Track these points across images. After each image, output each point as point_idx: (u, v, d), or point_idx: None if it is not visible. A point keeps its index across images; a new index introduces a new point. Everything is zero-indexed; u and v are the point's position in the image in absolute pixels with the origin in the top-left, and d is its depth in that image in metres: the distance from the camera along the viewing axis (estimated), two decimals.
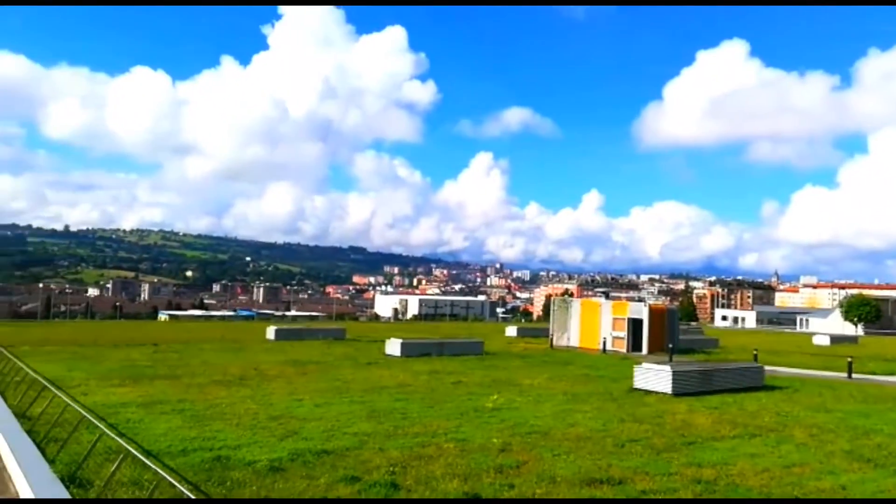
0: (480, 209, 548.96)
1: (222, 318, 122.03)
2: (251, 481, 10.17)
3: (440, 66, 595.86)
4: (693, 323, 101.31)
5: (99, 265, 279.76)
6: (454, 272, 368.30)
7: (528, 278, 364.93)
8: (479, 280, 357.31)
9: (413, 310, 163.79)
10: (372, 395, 19.47)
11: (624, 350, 40.27)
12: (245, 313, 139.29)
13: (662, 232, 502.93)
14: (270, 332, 45.89)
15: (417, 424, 15.09)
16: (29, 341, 37.56)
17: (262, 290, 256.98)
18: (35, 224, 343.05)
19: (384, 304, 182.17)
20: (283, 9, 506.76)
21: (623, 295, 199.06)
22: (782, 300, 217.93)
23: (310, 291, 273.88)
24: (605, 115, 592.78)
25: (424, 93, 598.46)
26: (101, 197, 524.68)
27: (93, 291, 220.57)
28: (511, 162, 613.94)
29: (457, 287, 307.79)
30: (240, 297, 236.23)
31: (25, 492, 8.65)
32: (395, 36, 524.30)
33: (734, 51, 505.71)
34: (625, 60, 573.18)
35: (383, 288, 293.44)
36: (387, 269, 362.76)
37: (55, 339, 41.57)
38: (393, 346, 33.99)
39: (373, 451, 12.38)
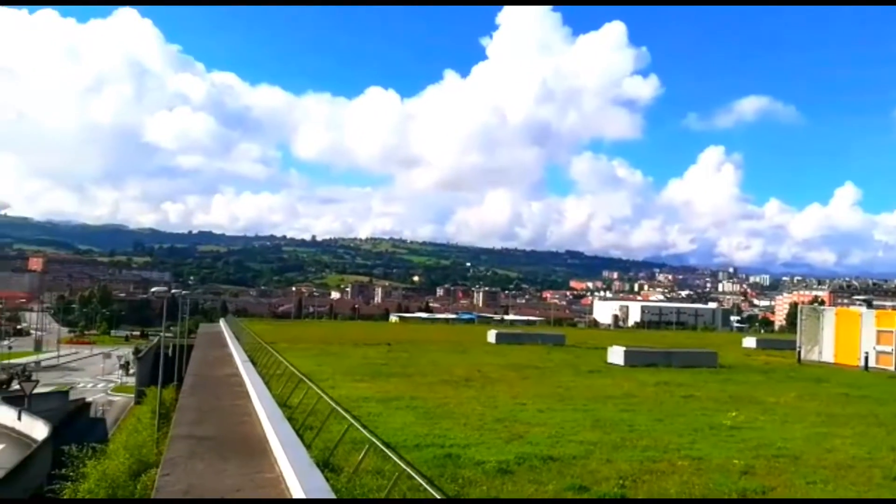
0: (710, 208, 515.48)
1: (446, 320, 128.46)
2: (481, 481, 10.39)
3: (663, 59, 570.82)
4: None
5: (340, 271, 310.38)
6: (680, 277, 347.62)
7: (767, 284, 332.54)
8: (709, 286, 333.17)
9: (635, 317, 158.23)
10: (595, 404, 18.97)
11: (892, 368, 34.82)
12: (466, 316, 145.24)
13: None
14: (491, 335, 47.11)
15: (646, 438, 14.36)
16: (286, 339, 42.63)
17: (481, 294, 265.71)
18: (289, 235, 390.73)
19: (603, 311, 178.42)
20: (500, 18, 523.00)
21: (888, 303, 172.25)
22: None
23: (527, 296, 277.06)
24: (860, 98, 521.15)
25: (646, 88, 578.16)
26: (341, 209, 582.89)
27: (335, 294, 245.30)
28: (746, 155, 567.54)
29: (683, 293, 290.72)
30: (461, 301, 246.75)
31: (288, 472, 9.69)
32: (613, 32, 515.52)
33: None
34: (882, 32, 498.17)
35: (602, 293, 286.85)
36: (605, 273, 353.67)
37: (306, 337, 46.78)
38: (616, 355, 32.91)
39: (600, 461, 12.01)
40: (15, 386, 47.83)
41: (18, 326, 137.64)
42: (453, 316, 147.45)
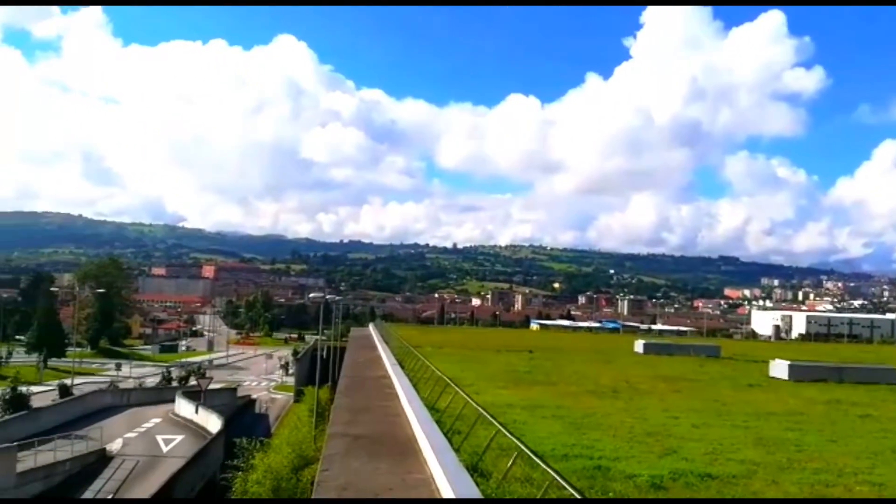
0: (888, 209, 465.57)
1: (588, 329, 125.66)
2: (633, 495, 10.06)
3: (829, 49, 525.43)
4: None
5: (480, 278, 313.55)
6: (852, 284, 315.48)
7: None
8: (886, 294, 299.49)
9: (799, 328, 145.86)
10: (757, 421, 17.71)
11: None
12: (610, 325, 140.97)
13: None
14: (638, 345, 45.53)
15: (817, 459, 13.19)
16: (430, 343, 43.81)
17: (626, 302, 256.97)
18: (431, 243, 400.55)
19: (762, 321, 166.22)
20: (644, 17, 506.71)
21: None
22: None
23: (676, 305, 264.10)
24: None
25: (809, 80, 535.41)
26: (482, 217, 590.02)
27: (475, 301, 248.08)
28: None
29: (856, 303, 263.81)
30: (604, 309, 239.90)
31: (438, 475, 9.92)
32: (771, 22, 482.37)
33: None
34: None
35: (760, 302, 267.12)
36: (764, 281, 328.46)
37: (449, 342, 47.77)
38: (779, 368, 30.54)
39: (764, 482, 11.19)
40: (192, 382, 52.90)
41: (194, 328, 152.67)
42: (596, 324, 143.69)
